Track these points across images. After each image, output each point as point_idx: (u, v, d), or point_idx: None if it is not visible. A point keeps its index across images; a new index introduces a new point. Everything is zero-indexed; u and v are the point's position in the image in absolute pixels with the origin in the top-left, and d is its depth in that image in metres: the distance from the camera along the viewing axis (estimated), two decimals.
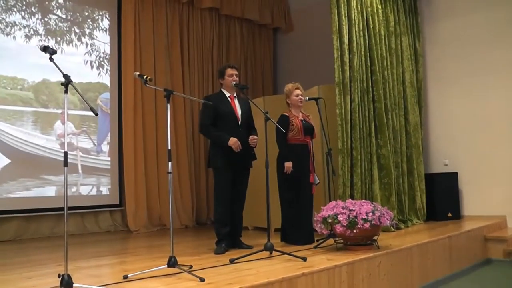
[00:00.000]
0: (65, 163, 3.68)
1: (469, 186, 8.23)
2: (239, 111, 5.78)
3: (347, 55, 6.89)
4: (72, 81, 3.69)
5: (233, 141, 5.53)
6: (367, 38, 7.34)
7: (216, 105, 5.68)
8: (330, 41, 6.94)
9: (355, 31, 7.07)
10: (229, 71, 5.81)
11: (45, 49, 3.74)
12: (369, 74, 7.28)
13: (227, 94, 5.84)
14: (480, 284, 5.90)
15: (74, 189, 8.17)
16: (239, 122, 5.75)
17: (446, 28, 8.80)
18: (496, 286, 5.77)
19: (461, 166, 8.29)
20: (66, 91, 3.69)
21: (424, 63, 8.90)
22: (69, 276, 3.48)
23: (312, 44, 10.31)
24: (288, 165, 5.87)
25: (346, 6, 7.00)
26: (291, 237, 6.02)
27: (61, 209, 3.67)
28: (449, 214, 8.04)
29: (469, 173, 8.15)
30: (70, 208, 7.74)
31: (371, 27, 7.43)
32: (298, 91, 6.15)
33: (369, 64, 7.31)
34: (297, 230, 5.97)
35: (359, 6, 7.24)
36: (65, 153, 3.68)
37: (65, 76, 3.66)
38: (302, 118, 6.14)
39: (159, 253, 5.54)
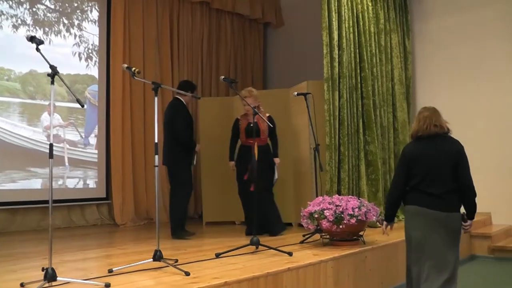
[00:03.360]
0: (51, 155, 3.65)
1: None
2: None
3: (336, 51, 6.90)
4: (58, 72, 3.66)
5: (198, 147, 6.74)
6: (356, 34, 7.36)
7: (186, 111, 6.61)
8: (320, 37, 6.95)
9: (345, 27, 7.08)
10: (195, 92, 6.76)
11: (32, 39, 3.71)
12: (358, 71, 7.30)
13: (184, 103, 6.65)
14: (465, 280, 5.92)
15: (60, 182, 8.11)
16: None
17: (435, 26, 8.82)
18: (481, 282, 5.81)
19: None
20: (52, 82, 3.67)
21: (413, 61, 8.93)
22: (53, 269, 3.46)
23: (302, 40, 10.29)
24: (230, 164, 6.64)
25: (336, 2, 7.00)
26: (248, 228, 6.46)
27: (48, 201, 3.63)
28: None
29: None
30: (56, 201, 7.63)
31: (361, 24, 7.44)
32: (245, 101, 6.17)
33: (358, 60, 7.32)
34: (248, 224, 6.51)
35: (349, 3, 7.25)
36: (51, 145, 3.65)
37: (51, 67, 3.64)
38: (255, 121, 6.04)
39: (146, 247, 5.53)
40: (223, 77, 5.50)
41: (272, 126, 5.77)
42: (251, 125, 6.25)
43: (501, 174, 7.66)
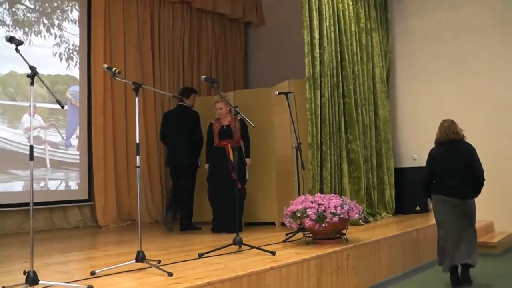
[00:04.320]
0: (31, 157, 3.61)
1: None
2: None
3: (317, 50, 6.92)
4: (38, 73, 3.64)
5: None
6: (337, 33, 7.38)
7: None
8: (301, 35, 6.96)
9: (326, 26, 7.11)
10: (194, 96, 7.64)
11: (11, 39, 3.68)
12: (340, 69, 7.33)
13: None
14: (447, 275, 5.99)
15: (42, 184, 8.05)
16: None
17: (415, 25, 8.90)
18: None
19: None
20: (32, 83, 3.64)
21: (394, 59, 9.00)
22: (34, 273, 3.43)
23: (284, 39, 10.32)
24: (206, 166, 7.10)
25: (317, 1, 7.02)
26: (217, 225, 6.84)
27: (29, 204, 3.60)
28: (418, 208, 8.15)
29: None
30: (38, 204, 7.62)
31: (342, 22, 7.47)
32: (217, 105, 6.95)
33: (339, 59, 7.36)
34: (224, 220, 6.69)
35: (330, 2, 7.28)
36: (31, 147, 3.62)
37: (31, 67, 3.61)
38: (228, 124, 6.91)
39: (128, 248, 5.51)
40: (204, 76, 5.49)
41: (253, 125, 5.74)
42: (224, 127, 6.91)
43: None
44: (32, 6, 8.17)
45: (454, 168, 5.18)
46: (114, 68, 4.49)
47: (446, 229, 5.18)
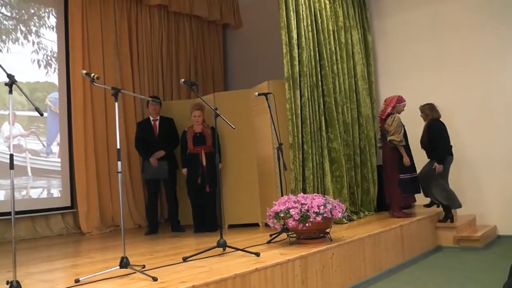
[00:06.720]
0: (11, 165, 3.59)
1: None
2: (157, 130, 7.80)
3: (296, 50, 6.94)
4: (16, 81, 3.62)
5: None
6: (315, 33, 7.42)
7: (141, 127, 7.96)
8: (279, 36, 6.98)
9: (304, 26, 7.14)
10: (150, 104, 7.86)
11: None
12: (319, 69, 7.37)
13: (151, 118, 7.88)
14: (431, 270, 6.05)
15: (24, 193, 7.97)
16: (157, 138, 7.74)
17: (395, 23, 8.98)
18: (446, 272, 5.92)
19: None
20: (10, 91, 3.63)
21: (375, 57, 9.06)
22: (18, 282, 3.41)
23: (262, 40, 10.34)
24: (183, 170, 7.41)
25: (294, 1, 7.05)
26: (197, 226, 7.30)
27: (11, 213, 3.57)
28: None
29: (420, 164, 8.30)
30: (20, 212, 7.57)
31: (319, 22, 7.51)
32: (195, 113, 7.34)
33: (318, 58, 7.39)
34: (201, 220, 7.27)
35: (307, 1, 7.31)
36: (11, 156, 3.60)
37: (9, 76, 3.60)
38: (200, 131, 7.36)
39: (112, 255, 5.48)
40: (183, 80, 5.47)
41: (234, 127, 5.72)
42: (198, 134, 7.35)
43: (458, 165, 7.79)
44: (9, 14, 8.09)
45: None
46: (93, 74, 4.46)
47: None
